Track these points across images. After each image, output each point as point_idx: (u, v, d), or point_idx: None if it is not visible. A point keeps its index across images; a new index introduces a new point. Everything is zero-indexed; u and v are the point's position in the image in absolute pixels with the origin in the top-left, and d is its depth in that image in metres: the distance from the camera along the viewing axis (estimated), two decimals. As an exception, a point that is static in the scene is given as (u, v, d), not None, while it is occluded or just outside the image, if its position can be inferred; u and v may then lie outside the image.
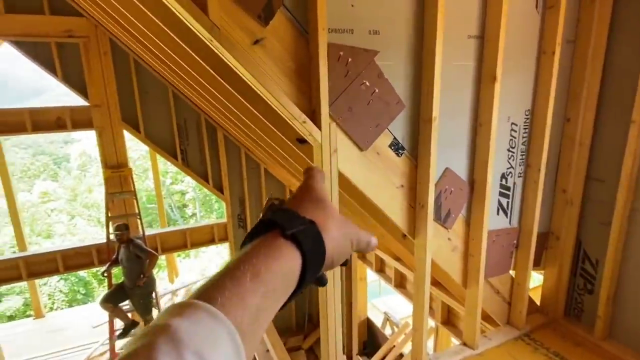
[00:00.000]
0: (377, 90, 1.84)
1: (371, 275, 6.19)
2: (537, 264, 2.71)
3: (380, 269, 5.05)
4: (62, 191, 17.73)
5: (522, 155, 2.45)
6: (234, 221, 6.25)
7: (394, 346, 5.07)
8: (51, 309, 12.04)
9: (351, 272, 5.75)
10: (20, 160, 19.85)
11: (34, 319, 7.93)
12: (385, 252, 4.51)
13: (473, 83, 2.12)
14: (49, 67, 4.69)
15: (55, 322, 7.85)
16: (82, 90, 4.89)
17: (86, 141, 18.18)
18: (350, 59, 1.74)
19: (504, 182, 2.44)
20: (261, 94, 1.64)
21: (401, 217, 2.14)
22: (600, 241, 2.48)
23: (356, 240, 0.53)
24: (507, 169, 2.43)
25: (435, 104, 1.93)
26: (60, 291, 12.77)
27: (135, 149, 16.67)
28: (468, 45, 2.04)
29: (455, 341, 3.81)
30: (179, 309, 0.33)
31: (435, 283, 3.54)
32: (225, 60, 1.56)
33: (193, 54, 2.07)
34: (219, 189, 6.03)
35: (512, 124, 2.35)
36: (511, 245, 2.58)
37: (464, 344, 2.56)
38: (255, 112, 2.38)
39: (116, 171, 5.21)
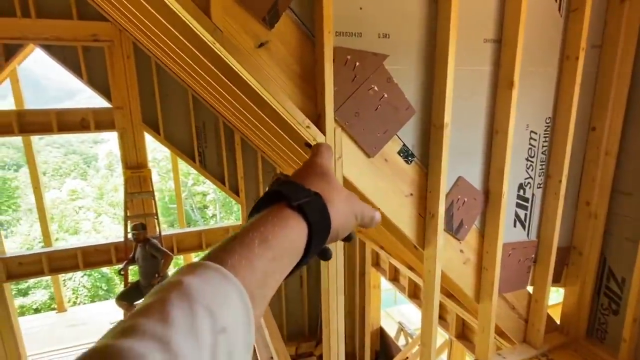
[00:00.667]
0: (385, 95, 1.79)
1: (387, 284, 6.08)
2: (556, 280, 2.56)
3: (395, 277, 4.94)
4: (90, 189, 18.39)
5: (541, 165, 2.32)
6: (249, 224, 6.26)
7: (407, 358, 4.93)
8: (75, 303, 12.46)
9: (364, 279, 5.66)
10: (53, 159, 20.76)
11: (56, 312, 8.21)
12: (399, 261, 4.40)
13: (489, 89, 2.03)
14: (76, 70, 4.86)
15: (76, 316, 8.10)
16: (105, 93, 5.04)
17: (113, 142, 18.78)
18: (358, 63, 1.69)
19: (521, 192, 2.32)
20: (265, 98, 1.61)
21: (410, 227, 2.06)
22: (627, 258, 2.32)
23: (360, 215, 0.53)
24: (526, 179, 2.31)
25: (448, 110, 1.85)
26: (84, 286, 13.21)
27: (160, 150, 17.14)
28: (484, 49, 1.96)
29: (469, 357, 3.66)
30: (191, 269, 0.34)
31: (450, 295, 3.42)
32: (229, 64, 1.54)
33: (202, 58, 2.08)
34: (235, 191, 6.08)
35: (532, 132, 2.24)
36: (529, 259, 2.45)
37: (476, 362, 2.44)
38: (263, 116, 2.37)
39: (136, 172, 5.34)
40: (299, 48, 1.62)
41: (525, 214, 2.37)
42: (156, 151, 17.24)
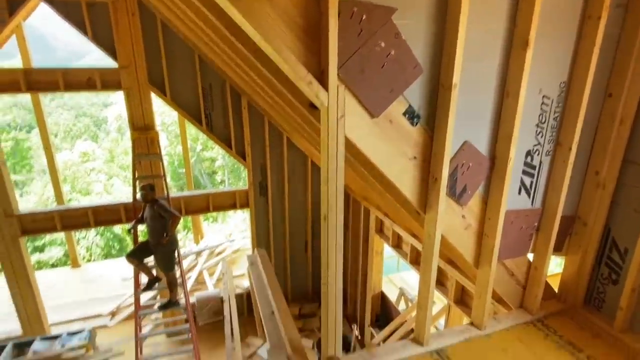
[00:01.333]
0: (393, 52, 1.72)
1: (390, 251, 6.17)
2: (558, 249, 2.56)
3: (397, 244, 5.00)
4: (101, 152, 18.60)
5: (552, 131, 2.26)
6: (256, 188, 6.33)
7: (406, 321, 5.08)
8: (88, 260, 12.96)
9: (368, 246, 5.74)
10: (63, 121, 20.91)
11: (71, 268, 8.56)
12: (403, 228, 4.44)
13: (502, 48, 1.94)
14: (80, 26, 4.77)
15: (90, 272, 8.45)
16: (111, 51, 4.96)
17: (122, 104, 18.77)
18: (364, 17, 1.62)
19: (529, 159, 2.27)
20: (267, 53, 1.56)
21: (412, 191, 2.04)
22: (632, 229, 2.30)
23: None
24: (534, 145, 2.25)
25: (457, 70, 1.78)
26: (97, 245, 13.67)
27: (169, 114, 17.10)
28: (499, 5, 1.85)
29: (466, 321, 3.76)
30: None
31: (450, 261, 3.46)
32: (230, 15, 1.48)
33: (207, 13, 2.00)
34: (241, 155, 6.09)
35: (544, 96, 2.16)
36: (531, 227, 2.44)
37: (471, 324, 2.50)
38: (268, 75, 2.31)
39: (143, 133, 5.35)
40: (303, 0, 1.54)
41: (531, 182, 2.33)
42: (165, 115, 17.21)
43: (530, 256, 2.57)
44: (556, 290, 2.80)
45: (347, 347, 5.83)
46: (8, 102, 18.69)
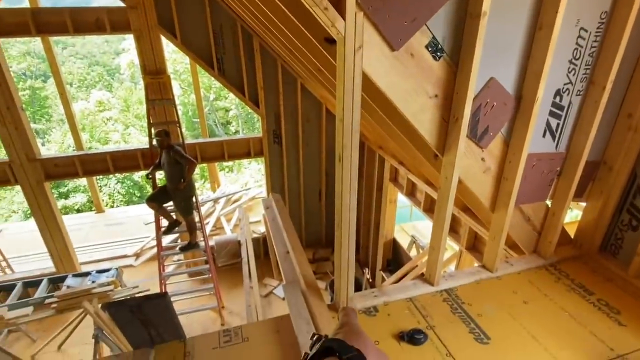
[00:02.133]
0: (417, -25, 1.56)
1: (403, 201, 6.18)
2: (579, 195, 2.50)
3: (411, 192, 4.99)
4: (116, 101, 18.63)
5: (586, 69, 2.10)
6: (270, 136, 6.29)
7: (417, 266, 5.21)
8: (111, 206, 13.52)
9: (382, 194, 5.76)
10: (77, 70, 20.79)
11: (95, 213, 8.95)
12: (418, 176, 4.39)
13: (539, -28, 1.74)
14: (84, -38, 4.53)
15: (113, 217, 8.84)
16: (118, -11, 4.75)
17: (134, 52, 18.42)
18: None
19: (557, 99, 2.14)
20: (279, -26, 1.44)
21: (431, 132, 1.97)
22: (661, 175, 2.20)
23: None
24: (565, 84, 2.11)
25: (487, -4, 1.62)
26: (118, 192, 14.17)
27: (181, 61, 16.74)
28: None
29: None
30: None
31: (463, 208, 3.45)
32: None
33: None
34: (255, 102, 5.99)
35: (581, 29, 1.97)
36: (553, 172, 2.36)
37: (483, 267, 2.53)
38: (282, 6, 2.17)
39: (155, 77, 5.27)
40: None
41: (558, 124, 2.21)
42: (176, 63, 16.86)
43: (549, 202, 2.52)
44: (572, 237, 2.78)
45: (358, 289, 6.08)
46: (21, 49, 18.53)
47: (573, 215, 6.73)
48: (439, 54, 1.78)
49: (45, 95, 17.90)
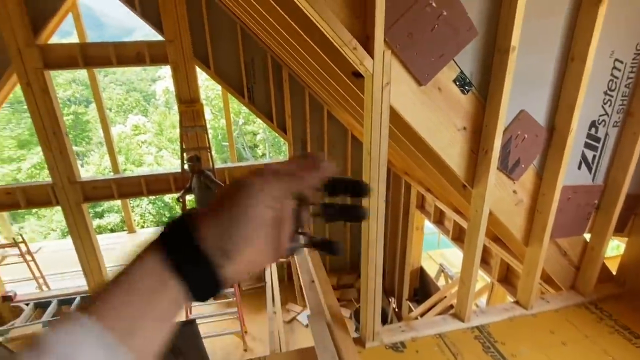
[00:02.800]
0: (445, 14, 1.60)
1: (430, 228, 6.05)
2: (619, 230, 2.37)
3: (439, 220, 4.88)
4: (151, 125, 19.58)
5: (622, 100, 2.03)
6: (296, 161, 6.38)
7: (445, 297, 5.03)
8: (142, 226, 13.96)
9: (408, 221, 5.67)
10: (116, 96, 22.11)
11: (127, 233, 9.27)
12: (446, 204, 4.31)
13: (569, 5, 1.74)
14: (129, 2, 4.91)
15: (144, 237, 9.10)
16: (158, 26, 5.09)
17: (169, 79, 19.45)
18: (414, -25, 1.51)
19: (592, 131, 2.07)
20: (310, 17, 1.51)
21: (460, 164, 1.95)
22: None
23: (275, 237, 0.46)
24: (600, 116, 2.05)
25: (516, 31, 1.63)
26: (150, 212, 14.65)
27: (212, 88, 17.50)
28: (570, -45, 1.64)
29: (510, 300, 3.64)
30: (55, 322, 0.36)
31: (495, 239, 3.33)
32: (274, -23, 1.44)
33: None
34: (282, 129, 6.13)
35: (616, 60, 1.93)
36: (590, 205, 2.26)
37: (517, 303, 2.41)
38: (311, 43, 2.25)
39: (189, 106, 5.52)
40: (349, -42, 1.46)
41: (594, 155, 2.14)
42: (208, 89, 17.63)
43: (587, 236, 2.40)
44: (614, 273, 2.62)
45: (384, 319, 5.91)
46: (68, 77, 19.98)
47: (614, 245, 6.33)
48: (466, 87, 1.78)
49: (87, 120, 19.05)
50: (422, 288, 6.03)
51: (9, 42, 4.70)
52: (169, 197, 15.14)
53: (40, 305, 5.64)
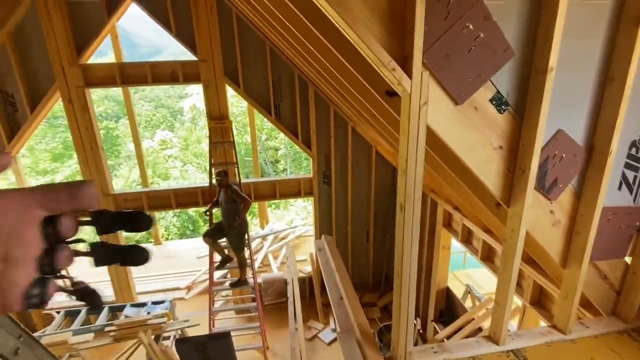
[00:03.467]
0: (481, 35, 1.63)
1: (455, 247, 5.93)
2: (664, 253, 2.26)
3: (467, 239, 4.79)
4: (177, 140, 20.20)
5: (665, 120, 1.98)
6: (319, 177, 6.44)
7: (473, 319, 4.87)
8: (167, 238, 14.25)
9: (434, 240, 5.57)
10: (145, 112, 23.00)
11: (153, 244, 9.48)
12: (475, 223, 4.23)
13: (607, 26, 1.73)
14: (165, 23, 5.18)
15: (170, 249, 9.30)
16: (192, 46, 5.33)
17: (196, 96, 20.13)
18: (452, -1, 1.55)
19: (633, 151, 2.03)
20: (350, 38, 1.57)
21: (496, 183, 1.94)
22: None
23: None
24: (641, 136, 2.00)
25: (554, 52, 1.63)
26: (174, 225, 14.97)
27: (237, 105, 17.98)
28: (608, -23, 1.65)
29: (543, 325, 3.50)
30: None
31: (528, 260, 3.24)
32: (315, 2, 1.51)
33: (287, 1, 2.06)
34: (307, 145, 6.22)
35: (658, 80, 1.89)
36: (632, 227, 2.18)
37: (554, 327, 2.33)
38: (344, 61, 2.32)
39: (219, 122, 5.70)
40: (389, -17, 1.52)
41: (635, 176, 2.08)
42: (233, 106, 18.11)
43: (629, 259, 2.31)
44: (658, 299, 2.49)
45: (408, 340, 5.75)
46: (100, 94, 20.99)
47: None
48: (503, 107, 1.79)
49: (117, 135, 19.85)
50: (448, 309, 5.86)
51: (53, 61, 5.02)
52: (192, 211, 15.45)
53: (70, 314, 5.81)
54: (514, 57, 1.70)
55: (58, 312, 5.87)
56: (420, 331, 6.07)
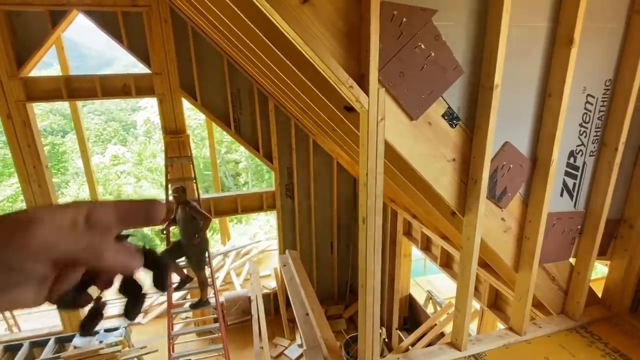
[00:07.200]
0: (433, 54, 1.71)
1: (416, 254, 6.09)
2: (602, 253, 2.46)
3: (426, 247, 4.93)
4: (130, 155, 19.28)
5: (596, 131, 2.18)
6: (282, 190, 6.40)
7: (435, 325, 5.00)
8: (120, 260, 13.42)
9: (395, 248, 5.69)
10: (94, 126, 21.79)
11: (105, 267, 8.89)
12: (433, 231, 4.37)
13: (544, 47, 1.89)
14: (116, 35, 4.97)
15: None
16: (145, 58, 5.15)
17: (150, 109, 19.41)
18: (404, 19, 1.62)
19: (571, 160, 2.20)
20: (308, 57, 1.59)
21: (451, 193, 2.02)
22: (685, 233, 2.18)
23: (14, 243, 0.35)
24: (577, 146, 2.18)
25: (499, 70, 1.75)
26: (128, 245, 14.14)
27: (194, 118, 17.53)
28: (542, 2, 1.80)
29: (501, 326, 3.66)
30: None
31: (483, 265, 3.39)
32: (272, 20, 1.52)
33: (242, 16, 2.05)
34: (268, 158, 6.17)
35: (588, 95, 2.09)
36: (574, 230, 2.36)
37: (510, 329, 2.44)
38: (303, 78, 2.34)
39: (175, 137, 5.51)
40: (344, 4, 1.56)
41: (574, 183, 2.25)
42: (190, 119, 17.64)
43: (573, 260, 2.49)
44: (599, 295, 2.70)
45: (374, 350, 5.78)
46: (45, 108, 19.64)
47: (599, 271, 6.52)
48: (455, 121, 1.88)
49: (64, 150, 18.61)
50: (412, 316, 5.98)
51: (-10, 74, 4.64)
52: (148, 229, 14.71)
53: (11, 348, 5.27)
54: (463, 75, 1.80)
55: (-5, 348, 5.31)
56: (386, 340, 6.13)
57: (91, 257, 0.39)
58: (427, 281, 7.64)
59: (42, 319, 6.70)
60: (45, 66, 17.48)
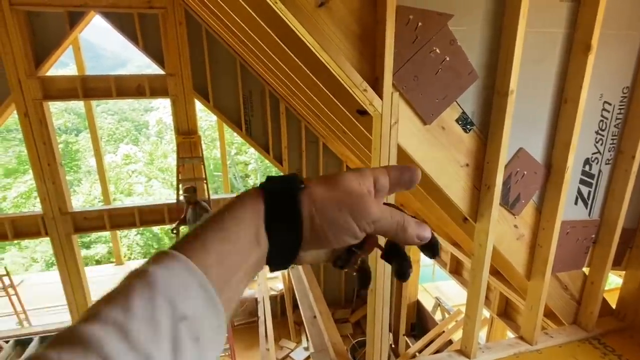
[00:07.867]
0: (447, 59, 1.70)
1: (425, 260, 6.04)
2: (617, 264, 2.41)
3: (435, 252, 4.89)
4: (142, 155, 19.52)
5: (613, 139, 2.14)
6: (291, 192, 6.41)
7: (444, 332, 4.95)
8: (129, 258, 13.58)
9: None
10: (107, 125, 22.13)
11: (115, 265, 9.00)
12: (443, 237, 4.34)
13: (561, 53, 1.87)
14: (132, 37, 5.06)
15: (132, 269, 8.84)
16: (159, 60, 5.22)
17: (163, 110, 19.68)
18: (420, 24, 1.62)
19: (587, 168, 2.17)
20: (323, 60, 1.60)
21: (463, 199, 2.01)
22: None
23: (357, 211, 0.41)
24: (593, 154, 2.15)
25: (514, 76, 1.74)
26: (137, 244, 14.31)
27: (205, 119, 17.69)
28: (559, 9, 1.79)
29: (510, 335, 3.61)
30: (159, 258, 0.35)
31: (494, 272, 3.35)
32: (289, 24, 1.53)
33: (258, 19, 2.07)
34: (278, 160, 6.20)
35: (605, 102, 2.05)
36: (588, 239, 2.31)
37: (521, 338, 2.40)
38: (316, 80, 2.35)
39: (187, 137, 5.57)
40: (360, 7, 1.57)
41: (589, 191, 2.22)
42: (201, 120, 17.81)
43: (586, 270, 2.44)
44: (613, 306, 2.64)
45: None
46: (60, 106, 20.02)
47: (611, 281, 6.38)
48: (468, 127, 1.87)
49: (77, 149, 18.92)
50: (420, 322, 5.93)
51: (9, 73, 4.75)
52: (157, 229, 14.86)
53: (21, 343, 5.36)
54: (478, 80, 1.79)
55: (7, 342, 5.40)
56: (393, 346, 6.08)
57: (399, 230, 0.44)
58: (435, 287, 7.57)
59: (51, 315, 6.81)
60: (61, 66, 17.85)
